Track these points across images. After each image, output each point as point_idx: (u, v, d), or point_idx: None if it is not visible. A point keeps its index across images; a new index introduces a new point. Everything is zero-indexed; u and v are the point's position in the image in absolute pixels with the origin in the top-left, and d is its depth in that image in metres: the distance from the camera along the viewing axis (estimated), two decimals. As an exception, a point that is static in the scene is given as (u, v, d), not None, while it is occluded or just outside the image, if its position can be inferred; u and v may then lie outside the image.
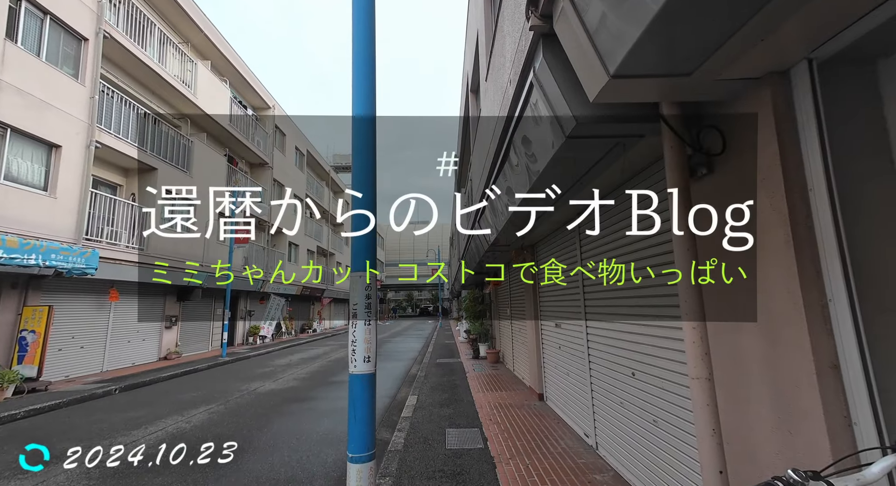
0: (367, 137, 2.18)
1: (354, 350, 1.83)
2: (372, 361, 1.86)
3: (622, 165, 2.80)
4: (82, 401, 7.60)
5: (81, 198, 9.24)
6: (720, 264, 1.98)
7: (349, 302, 1.93)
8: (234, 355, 13.59)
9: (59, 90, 8.83)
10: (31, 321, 8.35)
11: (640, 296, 3.08)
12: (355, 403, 1.81)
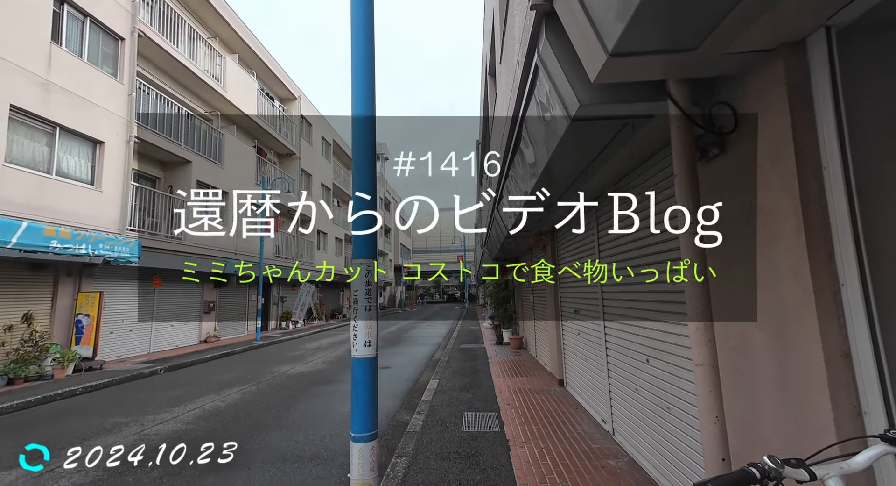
0: (367, 136, 2.21)
1: (356, 335, 1.90)
2: (373, 345, 1.92)
3: (630, 150, 2.70)
4: (132, 379, 8.24)
5: (124, 191, 9.84)
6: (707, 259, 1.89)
7: (350, 289, 2.00)
8: (268, 339, 14.27)
9: (100, 89, 9.35)
10: (85, 306, 9.07)
11: (654, 291, 3.00)
12: (357, 386, 1.89)
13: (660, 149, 2.79)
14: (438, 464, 3.55)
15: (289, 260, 18.71)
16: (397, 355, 10.79)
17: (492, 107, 7.24)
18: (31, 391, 6.81)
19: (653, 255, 3.00)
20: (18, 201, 7.44)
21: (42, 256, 7.65)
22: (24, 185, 7.63)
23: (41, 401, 6.51)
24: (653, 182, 2.99)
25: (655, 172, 2.93)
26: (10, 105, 7.55)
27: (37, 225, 7.39)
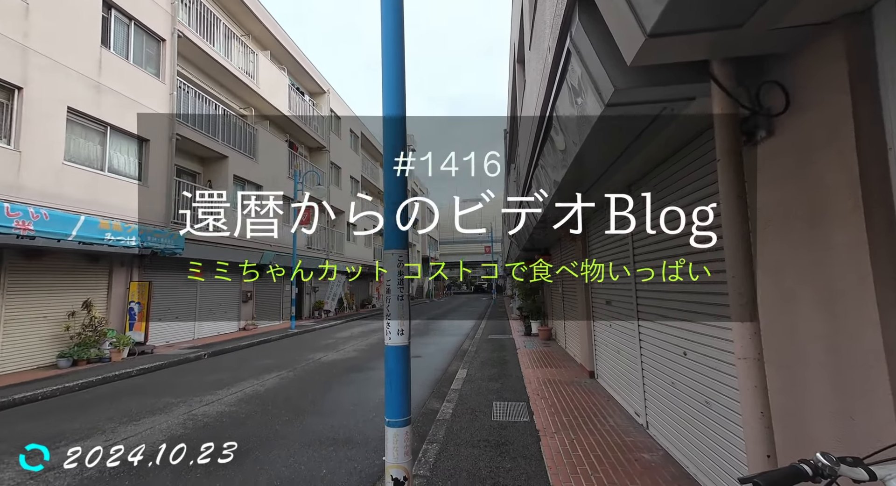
0: (397, 136, 2.23)
1: (389, 324, 1.95)
2: (405, 334, 1.96)
3: (667, 136, 2.58)
4: (179, 363, 8.79)
5: (168, 185, 10.39)
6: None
7: (383, 279, 2.04)
8: (302, 328, 14.81)
9: (144, 89, 9.85)
10: (137, 295, 9.71)
11: (691, 283, 2.89)
12: (391, 373, 1.94)
13: (699, 134, 2.66)
14: (469, 451, 3.61)
15: (320, 251, 19.26)
16: (426, 345, 10.94)
17: (520, 95, 7.10)
18: (93, 372, 7.41)
19: (686, 245, 2.89)
20: (77, 197, 8.01)
21: (98, 247, 8.23)
22: (80, 182, 8.20)
23: (102, 381, 7.07)
24: (689, 171, 2.86)
25: (692, 160, 2.80)
26: (68, 107, 8.09)
27: (93, 219, 7.95)
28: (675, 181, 3.14)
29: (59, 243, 7.37)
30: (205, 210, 8.72)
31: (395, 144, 2.24)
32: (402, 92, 2.33)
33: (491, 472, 3.20)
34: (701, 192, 2.76)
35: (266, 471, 3.47)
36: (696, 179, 2.82)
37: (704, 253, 2.70)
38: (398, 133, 2.25)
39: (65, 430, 4.60)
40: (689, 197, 2.92)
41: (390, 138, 2.25)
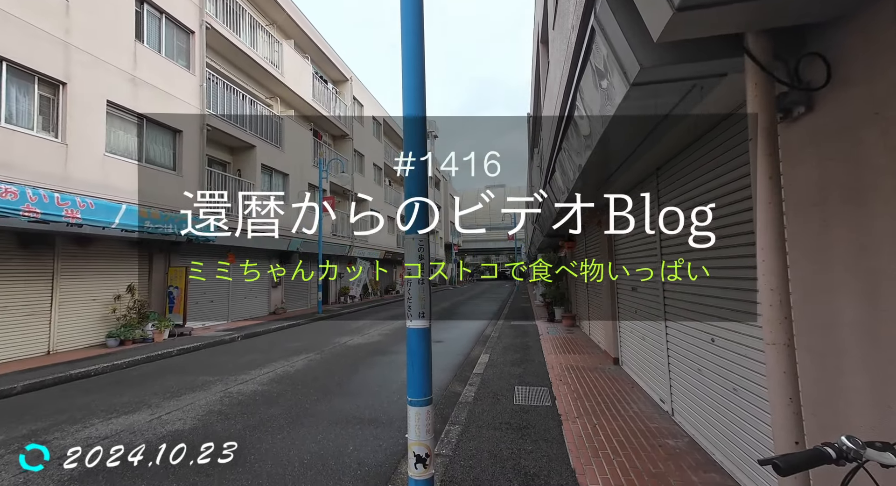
0: (418, 136, 2.24)
1: (410, 307, 2.00)
2: (426, 316, 2.01)
3: (694, 118, 2.47)
4: (216, 344, 9.27)
5: (200, 175, 10.80)
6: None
7: (404, 263, 2.08)
8: (328, 312, 15.26)
9: (176, 81, 10.19)
10: (174, 279, 10.25)
11: (722, 255, 2.80)
12: (412, 354, 2.00)
13: (730, 113, 2.54)
14: (490, 433, 3.68)
15: (345, 238, 19.64)
16: (449, 330, 11.09)
17: (544, 77, 6.92)
18: (138, 351, 7.92)
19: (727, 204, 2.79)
20: (119, 186, 8.46)
21: (138, 234, 8.69)
22: (121, 172, 8.64)
23: (146, 360, 7.56)
24: (719, 153, 2.74)
25: (723, 141, 2.68)
26: (107, 101, 8.48)
27: (133, 207, 8.38)
28: (701, 165, 3.02)
29: (104, 230, 7.83)
30: (206, 210, 8.96)
31: (416, 143, 2.25)
32: (423, 92, 2.32)
33: (512, 453, 3.26)
34: (731, 174, 2.66)
35: (297, 446, 3.66)
36: (725, 161, 2.71)
37: (735, 241, 2.61)
38: (418, 132, 2.25)
39: (115, 404, 4.98)
40: (718, 180, 2.81)
41: (411, 138, 2.26)
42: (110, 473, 3.17)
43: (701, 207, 2.71)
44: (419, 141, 2.27)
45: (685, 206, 3.43)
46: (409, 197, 2.19)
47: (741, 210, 2.55)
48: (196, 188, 10.68)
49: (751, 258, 2.35)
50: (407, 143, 2.28)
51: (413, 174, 2.23)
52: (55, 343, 7.88)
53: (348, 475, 3.15)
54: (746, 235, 2.48)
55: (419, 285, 1.99)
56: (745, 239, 2.50)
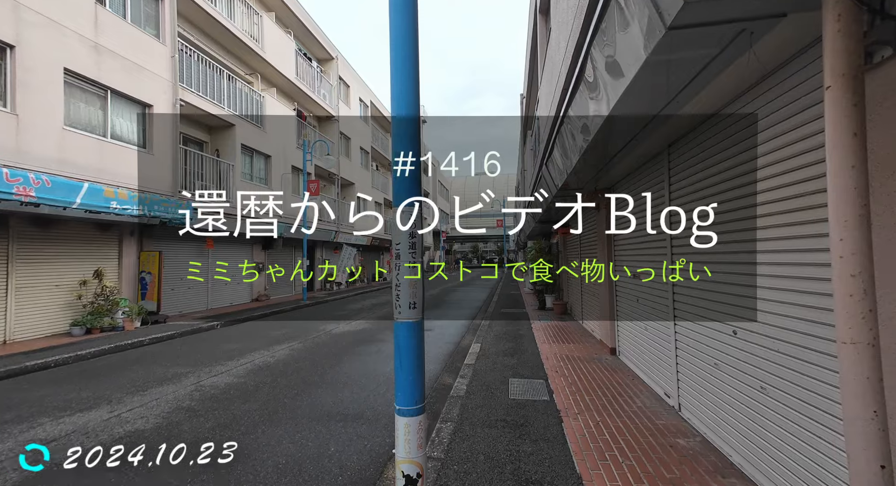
0: (410, 137, 1.81)
1: (398, 296, 1.62)
2: (418, 307, 1.64)
3: (746, 66, 2.09)
4: (192, 333, 8.78)
5: (174, 153, 10.10)
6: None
7: (392, 243, 1.69)
8: (314, 299, 14.80)
9: (145, 51, 9.40)
10: (147, 264, 9.65)
11: (749, 238, 2.47)
12: (401, 353, 1.63)
13: (783, 63, 2.17)
14: (485, 432, 3.37)
15: (331, 224, 19.05)
16: (438, 318, 10.78)
17: (543, 48, 6.47)
18: (106, 341, 7.40)
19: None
20: (80, 164, 7.78)
21: (105, 216, 8.07)
22: (83, 148, 7.94)
23: (114, 350, 7.06)
24: (764, 114, 2.39)
25: (768, 101, 2.33)
26: (65, 69, 7.73)
27: (97, 186, 7.74)
28: (727, 136, 2.67)
29: (66, 210, 7.20)
30: (204, 210, 8.23)
31: (408, 146, 1.80)
32: (416, 89, 1.84)
33: (511, 456, 2.95)
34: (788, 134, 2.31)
35: (272, 447, 3.29)
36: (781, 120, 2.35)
37: (773, 221, 2.28)
38: (411, 134, 1.79)
39: (72, 399, 4.52)
40: (746, 154, 2.46)
41: (402, 140, 1.80)
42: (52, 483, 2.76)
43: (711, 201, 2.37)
44: (411, 138, 1.83)
45: (702, 186, 3.10)
46: (399, 197, 1.76)
47: (777, 187, 2.22)
48: (169, 168, 10.02)
49: (790, 241, 2.02)
50: (397, 142, 1.83)
51: (405, 174, 1.80)
52: (11, 332, 7.30)
53: (328, 481, 2.81)
54: (786, 214, 2.16)
55: (410, 268, 1.61)
56: (785, 219, 2.18)
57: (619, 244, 5.53)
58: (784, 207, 2.20)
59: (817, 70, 1.90)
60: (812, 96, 1.97)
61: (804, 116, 2.03)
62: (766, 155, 2.34)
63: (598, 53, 2.46)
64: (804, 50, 1.99)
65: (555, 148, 4.91)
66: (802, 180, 2.05)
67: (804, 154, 2.04)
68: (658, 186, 3.99)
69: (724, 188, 2.78)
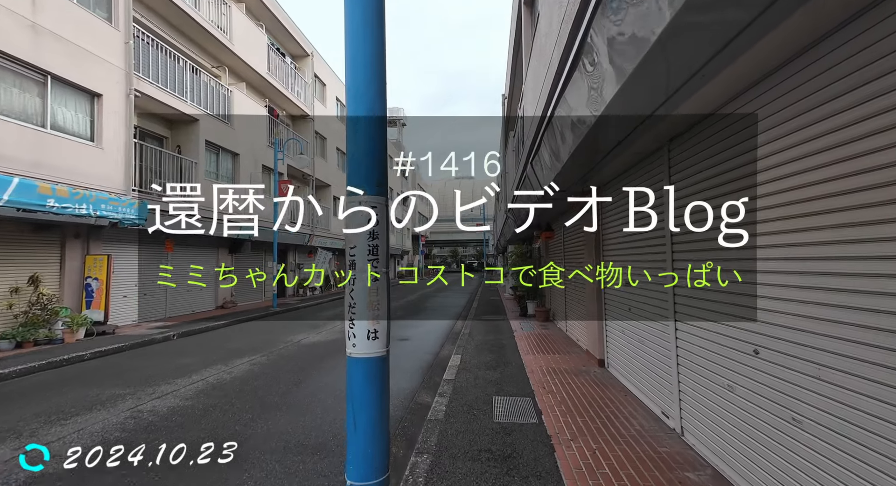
0: (375, 141, 1.33)
1: (353, 319, 1.14)
2: (381, 338, 1.16)
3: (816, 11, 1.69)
4: (143, 345, 7.96)
5: (127, 148, 9.24)
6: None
7: (345, 247, 1.22)
8: (285, 306, 14.01)
9: (93, 35, 8.55)
10: (94, 269, 8.74)
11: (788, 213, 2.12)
12: (355, 404, 1.14)
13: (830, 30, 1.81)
14: (468, 467, 2.90)
15: (305, 226, 18.25)
16: (416, 327, 10.26)
17: (529, 37, 6.11)
18: (38, 356, 6.54)
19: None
20: (9, 156, 6.91)
21: (42, 216, 7.20)
22: (15, 138, 7.07)
23: (46, 366, 6.22)
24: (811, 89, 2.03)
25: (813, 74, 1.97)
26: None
27: (29, 181, 6.88)
28: (733, 133, 2.32)
29: (-9, 209, 6.35)
30: (176, 206, 7.51)
31: (368, 149, 1.32)
32: (382, 79, 1.38)
33: (498, 500, 2.49)
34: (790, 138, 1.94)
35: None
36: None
37: (814, 207, 1.91)
38: (375, 137, 1.31)
39: (-25, 432, 3.79)
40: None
41: (361, 144, 1.32)
42: None
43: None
44: (377, 150, 1.35)
45: (712, 183, 2.75)
46: (358, 172, 1.29)
47: (822, 180, 1.87)
48: (122, 164, 9.15)
49: (839, 246, 1.62)
50: (355, 152, 1.34)
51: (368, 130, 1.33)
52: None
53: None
54: (837, 213, 1.80)
55: (370, 282, 1.14)
56: (832, 219, 1.83)
57: (610, 246, 5.19)
58: (833, 205, 1.84)
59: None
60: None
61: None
62: (805, 143, 1.99)
63: (605, 23, 2.06)
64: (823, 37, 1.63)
65: (542, 145, 4.53)
66: (871, 169, 1.67)
67: (864, 139, 1.68)
68: (658, 185, 3.65)
69: (744, 185, 2.43)
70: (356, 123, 1.22)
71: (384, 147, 1.25)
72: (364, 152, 1.21)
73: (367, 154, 1.21)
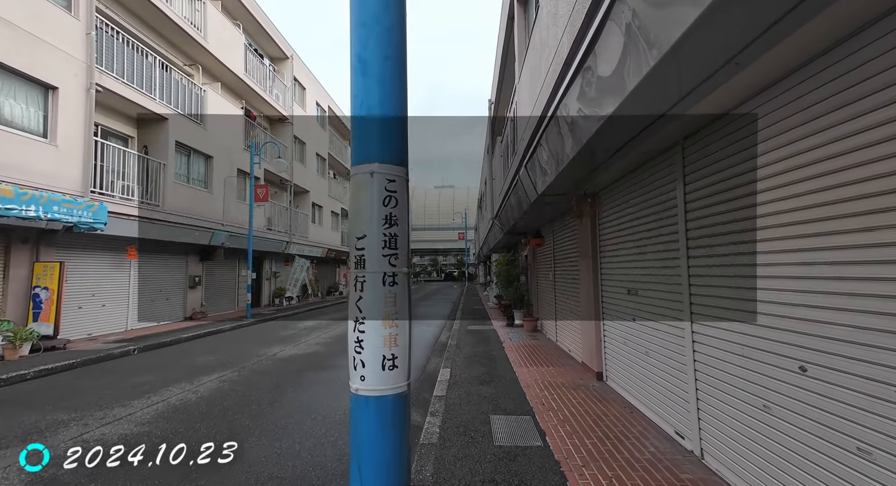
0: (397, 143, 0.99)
1: (361, 341, 0.79)
2: (401, 366, 0.81)
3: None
4: (98, 361, 7.22)
5: (86, 147, 8.52)
6: None
7: (349, 236, 0.87)
8: (260, 317, 13.27)
9: (49, 23, 7.88)
10: (43, 278, 7.93)
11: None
12: (363, 458, 0.78)
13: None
14: (472, 504, 2.52)
15: (282, 233, 17.53)
16: (399, 337, 9.79)
17: (522, 40, 5.91)
18: (-30, 377, 5.75)
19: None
20: (-54, 151, 6.17)
21: (-18, 218, 6.45)
22: (-46, 132, 6.34)
23: (-21, 389, 5.47)
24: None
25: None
26: (-68, 33, 6.17)
27: (-32, 180, 6.15)
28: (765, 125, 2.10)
29: (-80, 209, 5.60)
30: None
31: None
32: (403, 71, 1.06)
33: (512, 547, 2.12)
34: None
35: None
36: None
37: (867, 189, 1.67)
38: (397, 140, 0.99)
39: None
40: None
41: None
42: None
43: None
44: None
45: (735, 184, 2.52)
46: (366, 147, 0.95)
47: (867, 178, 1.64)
48: (79, 164, 8.42)
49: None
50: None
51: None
52: None
53: None
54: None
55: (386, 286, 0.79)
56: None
57: (608, 256, 4.96)
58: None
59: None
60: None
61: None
62: (846, 139, 1.76)
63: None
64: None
65: (540, 145, 4.27)
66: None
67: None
68: (668, 187, 3.43)
69: (771, 185, 2.20)
70: (365, 63, 0.87)
71: (405, 92, 0.91)
72: (378, 102, 0.87)
73: (382, 104, 0.87)
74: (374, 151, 0.88)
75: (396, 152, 0.89)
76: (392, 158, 0.88)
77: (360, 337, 0.84)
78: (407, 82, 0.99)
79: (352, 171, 0.92)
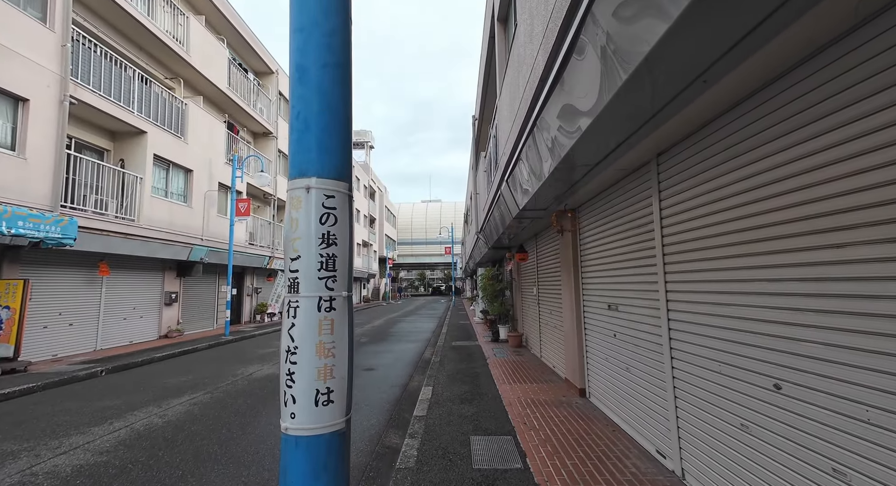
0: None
1: (291, 373, 0.71)
2: (338, 402, 0.73)
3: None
4: (61, 384, 6.83)
5: (57, 160, 8.26)
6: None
7: (284, 259, 0.80)
8: (239, 334, 12.87)
9: (20, 34, 7.71)
10: (5, 297, 7.54)
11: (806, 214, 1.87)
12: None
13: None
14: (447, 534, 2.39)
15: (264, 248, 17.21)
16: (383, 354, 9.58)
17: (503, 56, 6.00)
18: (-84, 404, 5.36)
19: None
20: None
21: (-60, 234, 6.13)
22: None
23: (-74, 417, 5.08)
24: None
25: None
26: None
27: (-75, 193, 5.86)
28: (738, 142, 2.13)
29: None
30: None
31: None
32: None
33: None
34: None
35: None
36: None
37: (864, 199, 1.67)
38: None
39: None
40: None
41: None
42: None
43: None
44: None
45: (713, 197, 2.54)
46: (303, 153, 0.90)
47: (846, 191, 1.65)
48: (49, 177, 8.14)
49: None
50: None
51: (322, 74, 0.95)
52: None
53: None
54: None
55: (322, 312, 0.72)
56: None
57: (589, 271, 4.95)
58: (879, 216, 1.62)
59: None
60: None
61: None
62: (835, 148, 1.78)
63: (598, 19, 1.80)
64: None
65: (520, 159, 4.28)
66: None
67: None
68: (645, 203, 3.45)
69: (748, 198, 2.22)
70: (303, 71, 0.83)
71: (349, 101, 0.86)
72: (317, 113, 0.81)
73: (321, 114, 0.81)
74: (311, 165, 0.82)
75: (337, 167, 0.84)
76: (331, 173, 0.82)
77: (291, 369, 0.77)
78: (351, 91, 0.95)
79: (287, 186, 0.86)
